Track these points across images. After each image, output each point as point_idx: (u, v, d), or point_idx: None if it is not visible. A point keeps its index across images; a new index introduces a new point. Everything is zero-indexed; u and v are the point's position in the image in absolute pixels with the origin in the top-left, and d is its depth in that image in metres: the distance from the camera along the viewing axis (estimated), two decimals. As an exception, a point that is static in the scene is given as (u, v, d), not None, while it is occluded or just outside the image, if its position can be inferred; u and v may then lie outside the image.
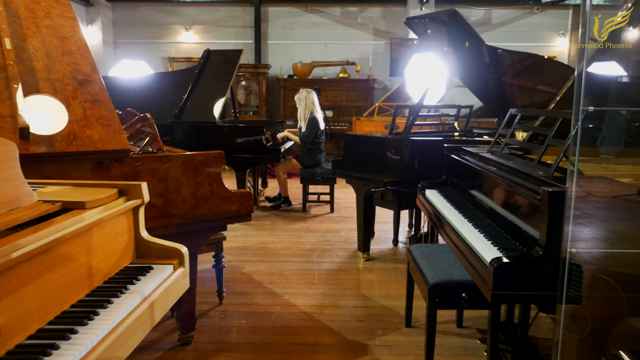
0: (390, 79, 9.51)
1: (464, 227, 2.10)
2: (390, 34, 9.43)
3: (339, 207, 5.70)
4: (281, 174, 5.48)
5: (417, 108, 3.47)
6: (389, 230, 4.69)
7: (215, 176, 2.37)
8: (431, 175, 3.35)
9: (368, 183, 3.65)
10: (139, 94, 5.39)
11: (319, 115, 5.39)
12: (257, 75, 9.09)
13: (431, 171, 3.28)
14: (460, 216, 2.26)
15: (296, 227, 4.86)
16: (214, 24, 9.70)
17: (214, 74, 5.37)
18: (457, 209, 2.38)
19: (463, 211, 2.31)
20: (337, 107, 9.14)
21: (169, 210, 2.26)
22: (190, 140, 4.92)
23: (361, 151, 3.70)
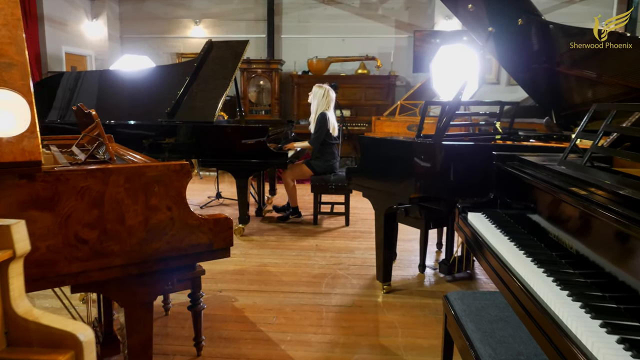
0: (414, 75, 8.74)
1: (537, 280, 1.37)
2: (413, 27, 8.67)
3: (355, 219, 4.99)
4: (290, 181, 4.80)
5: (454, 106, 2.75)
6: (413, 250, 3.97)
7: (177, 197, 1.69)
8: (472, 191, 2.61)
9: (390, 198, 2.94)
10: (130, 90, 4.77)
11: (331, 114, 4.69)
12: (270, 71, 8.43)
13: (472, 185, 2.56)
14: (527, 261, 1.53)
15: (305, 244, 4.17)
16: (225, 17, 9.08)
17: (215, 67, 4.72)
18: (520, 246, 1.65)
19: (531, 252, 1.58)
20: (356, 105, 8.42)
21: (107, 247, 1.59)
22: (182, 143, 4.27)
23: (382, 158, 2.99)
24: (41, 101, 4.91)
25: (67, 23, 8.16)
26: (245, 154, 4.19)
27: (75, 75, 5.13)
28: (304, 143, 4.84)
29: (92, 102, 4.78)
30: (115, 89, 4.82)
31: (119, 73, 5.03)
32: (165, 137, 4.29)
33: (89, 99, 4.83)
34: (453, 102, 2.76)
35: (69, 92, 5.01)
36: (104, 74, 5.18)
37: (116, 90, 4.81)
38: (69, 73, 5.25)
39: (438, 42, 8.19)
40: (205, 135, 4.22)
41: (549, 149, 2.69)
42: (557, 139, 3.30)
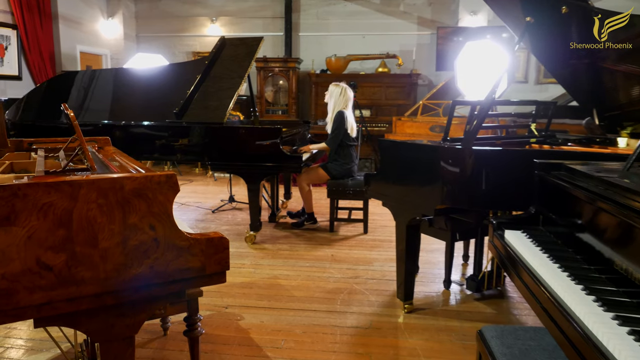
0: (437, 74, 8.39)
1: (606, 329, 1.07)
2: (437, 23, 8.32)
3: (374, 225, 4.70)
4: (305, 185, 4.53)
5: (486, 106, 2.43)
6: (437, 262, 3.66)
7: (161, 214, 1.43)
8: (508, 203, 2.31)
9: (413, 208, 2.64)
10: (139, 89, 4.57)
11: (349, 114, 4.40)
12: (287, 70, 8.18)
13: (508, 197, 2.25)
14: (588, 300, 1.22)
15: (320, 254, 3.89)
16: (241, 15, 8.87)
17: (227, 65, 4.48)
18: (577, 279, 1.34)
19: (592, 289, 1.27)
20: (376, 105, 8.11)
21: (76, 274, 1.34)
22: (190, 145, 4.04)
23: (404, 164, 2.69)
24: (52, 100, 4.73)
25: (82, 22, 8.05)
26: (257, 156, 3.93)
27: (90, 73, 4.91)
28: (320, 145, 4.56)
29: (105, 101, 4.58)
30: (124, 89, 4.62)
31: (129, 72, 4.83)
32: (172, 139, 4.07)
33: (102, 98, 4.63)
34: (485, 102, 2.44)
35: (83, 92, 4.82)
36: (115, 72, 5.00)
37: (125, 89, 4.61)
38: (83, 72, 5.05)
39: (462, 39, 7.83)
40: (214, 137, 3.98)
41: (601, 156, 2.35)
42: (601, 142, 2.96)
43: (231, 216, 5.15)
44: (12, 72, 6.79)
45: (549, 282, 1.34)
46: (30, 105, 4.78)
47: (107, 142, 2.67)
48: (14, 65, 6.83)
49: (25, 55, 6.97)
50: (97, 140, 2.65)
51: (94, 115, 4.44)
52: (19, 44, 6.85)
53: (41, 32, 7.12)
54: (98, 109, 4.53)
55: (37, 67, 7.08)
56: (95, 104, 4.60)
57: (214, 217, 5.06)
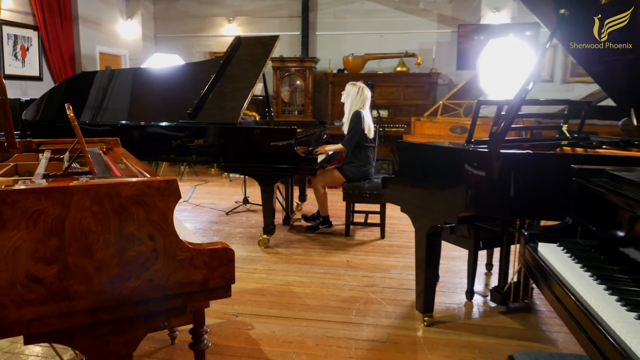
0: (457, 73, 8.19)
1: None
2: (457, 21, 8.11)
3: (391, 230, 4.54)
4: (320, 188, 4.39)
5: (516, 106, 2.27)
6: (458, 271, 3.49)
7: (161, 223, 1.31)
8: (540, 211, 2.14)
9: (434, 215, 2.49)
10: (154, 89, 4.50)
11: (366, 113, 4.25)
12: (304, 69, 8.06)
13: (540, 205, 2.08)
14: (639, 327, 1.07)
15: (334, 260, 3.76)
16: (258, 14, 8.79)
17: (242, 65, 4.38)
18: (626, 303, 1.18)
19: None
20: (394, 105, 7.94)
21: (69, 287, 1.23)
22: (202, 146, 3.94)
23: (425, 168, 2.54)
24: (71, 100, 4.65)
25: (101, 23, 8.06)
26: (271, 158, 3.82)
27: (109, 73, 4.82)
28: (336, 146, 4.43)
29: (121, 101, 4.50)
30: (140, 89, 4.56)
31: (145, 72, 4.77)
32: (185, 139, 3.97)
33: (119, 98, 4.55)
34: (515, 102, 2.28)
35: (102, 91, 4.74)
36: (131, 72, 4.94)
37: (141, 89, 4.54)
38: (102, 71, 4.97)
39: (484, 37, 7.61)
40: (227, 138, 3.87)
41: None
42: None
43: (245, 218, 5.05)
44: (33, 73, 6.81)
45: (595, 308, 1.18)
46: (50, 105, 4.71)
47: (117, 143, 2.58)
48: (35, 66, 6.85)
49: (46, 56, 6.99)
50: (106, 141, 2.56)
51: (111, 115, 4.36)
52: (40, 45, 6.87)
53: (62, 33, 7.14)
54: (115, 109, 4.46)
55: (57, 67, 7.09)
56: (112, 104, 4.53)
57: (228, 219, 4.96)
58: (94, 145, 2.40)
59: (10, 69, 6.37)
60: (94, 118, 4.42)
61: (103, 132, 4.17)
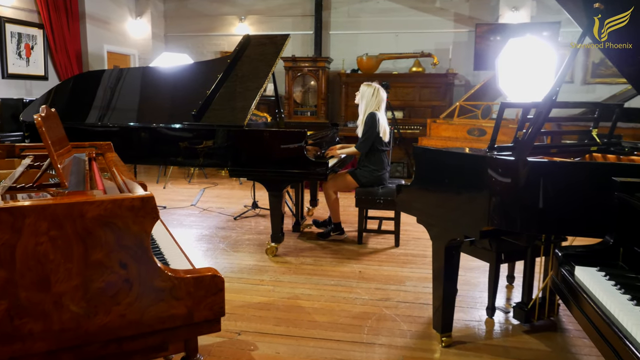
0: (474, 74, 7.92)
1: None
2: (475, 20, 7.84)
3: (406, 238, 4.31)
4: (331, 193, 4.18)
5: (546, 109, 2.03)
6: (478, 283, 3.26)
7: (135, 248, 1.12)
8: (572, 227, 1.90)
9: (453, 228, 2.26)
10: (159, 89, 4.33)
11: (382, 115, 4.04)
12: (316, 70, 7.86)
13: (573, 220, 1.84)
14: None
15: (346, 270, 3.55)
16: (270, 13, 8.61)
17: (250, 64, 4.19)
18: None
19: None
20: (409, 106, 7.70)
21: (21, 326, 1.04)
22: (210, 150, 3.76)
23: (443, 176, 2.32)
24: (78, 100, 4.49)
25: (109, 21, 7.95)
26: (278, 162, 3.62)
27: (117, 73, 4.61)
28: (349, 148, 4.21)
29: (126, 102, 4.31)
30: (146, 89, 4.39)
31: (150, 71, 4.60)
32: (190, 142, 3.79)
33: (124, 99, 4.35)
34: (544, 104, 2.04)
35: (110, 91, 4.57)
36: (136, 71, 4.77)
37: (147, 89, 4.38)
38: (110, 70, 4.77)
39: (503, 37, 7.33)
40: (233, 141, 3.69)
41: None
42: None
43: (254, 223, 4.86)
44: (38, 72, 6.72)
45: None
46: (56, 104, 4.54)
47: (109, 148, 2.40)
48: (40, 65, 6.76)
49: (52, 55, 6.90)
50: (97, 145, 2.38)
51: (113, 117, 4.18)
52: (45, 43, 6.77)
53: (68, 31, 7.03)
54: (118, 110, 4.29)
55: (63, 67, 6.99)
56: (116, 104, 4.36)
57: (235, 225, 4.78)
58: (83, 150, 2.23)
59: (13, 68, 6.28)
60: (99, 119, 4.26)
61: (104, 133, 4.02)
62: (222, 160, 3.77)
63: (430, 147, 2.39)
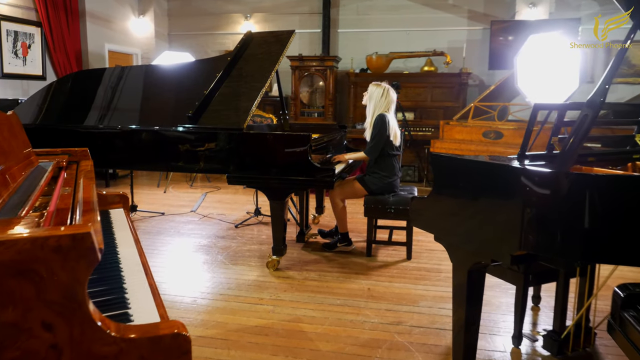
0: (489, 73, 7.58)
1: None
2: (490, 17, 7.50)
3: (419, 249, 4.00)
4: (338, 201, 3.88)
5: (593, 111, 1.71)
6: (499, 304, 2.93)
7: (65, 303, 0.82)
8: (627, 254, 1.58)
9: (478, 251, 1.95)
10: (151, 89, 4.06)
11: (392, 117, 3.73)
12: (324, 69, 7.56)
13: (628, 246, 1.53)
14: None
15: (354, 287, 3.24)
16: (277, 10, 8.33)
17: (252, 63, 3.91)
18: None
19: None
20: (420, 107, 7.37)
21: None
22: (208, 155, 3.47)
23: (466, 189, 2.00)
24: (77, 100, 4.18)
25: (111, 19, 7.71)
26: (280, 168, 3.33)
27: (119, 72, 4.29)
28: (357, 154, 3.91)
29: (123, 103, 4.00)
30: (138, 89, 4.11)
31: (143, 70, 4.33)
32: (186, 146, 3.51)
33: (122, 99, 4.04)
34: (592, 106, 1.72)
35: (110, 91, 4.27)
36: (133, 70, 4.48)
37: (138, 89, 4.10)
38: (111, 69, 4.44)
39: (520, 35, 6.98)
40: (230, 145, 3.40)
41: None
42: None
43: (256, 232, 4.57)
44: (35, 72, 6.48)
45: None
46: (54, 105, 4.22)
47: (85, 155, 2.12)
48: (38, 65, 6.53)
49: (50, 54, 6.67)
50: (71, 152, 2.10)
51: (107, 119, 3.89)
52: (43, 42, 6.54)
53: (67, 29, 6.80)
54: (113, 112, 4.01)
55: (62, 66, 6.76)
56: (110, 105, 4.07)
57: (236, 233, 4.49)
58: (53, 158, 1.95)
59: (9, 68, 6.05)
60: (102, 119, 3.96)
61: (90, 136, 3.76)
62: (220, 166, 3.48)
63: (451, 154, 2.07)
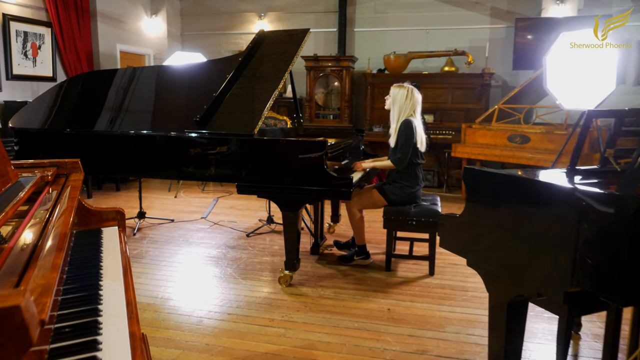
0: (513, 74, 7.25)
1: None
2: (514, 15, 7.17)
3: (442, 264, 3.72)
4: (356, 211, 3.62)
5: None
6: (534, 330, 2.65)
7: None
8: None
9: (520, 283, 1.68)
10: (158, 91, 3.85)
11: (418, 122, 3.46)
12: (340, 70, 7.31)
13: None
14: None
15: (372, 307, 2.98)
16: (291, 9, 8.10)
17: (265, 63, 3.68)
18: None
19: None
20: (440, 109, 7.07)
21: None
22: (210, 162, 3.25)
23: (506, 210, 1.73)
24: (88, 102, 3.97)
25: (123, 19, 7.56)
26: (293, 177, 3.08)
27: (130, 73, 4.06)
28: (382, 162, 3.63)
29: (133, 107, 3.78)
30: (143, 91, 3.91)
31: (150, 71, 4.12)
32: (191, 154, 3.29)
33: (132, 103, 3.82)
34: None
35: (122, 93, 4.04)
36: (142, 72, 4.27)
37: (144, 92, 3.90)
38: (123, 70, 4.21)
39: (546, 33, 6.64)
40: (239, 152, 3.17)
41: None
42: None
43: (268, 241, 4.34)
44: (45, 73, 6.35)
45: None
46: (64, 107, 4.00)
47: (75, 167, 1.90)
48: (48, 66, 6.39)
49: (60, 55, 6.53)
50: (61, 164, 1.88)
51: (123, 124, 3.65)
52: (53, 42, 6.40)
53: (78, 30, 6.65)
54: (117, 116, 3.81)
55: (73, 67, 6.61)
56: (123, 110, 3.84)
57: (248, 243, 4.27)
58: (42, 171, 1.73)
59: (19, 69, 5.91)
60: (113, 122, 3.74)
61: (85, 140, 3.56)
62: (229, 175, 3.25)
63: (490, 170, 1.80)
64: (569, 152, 2.03)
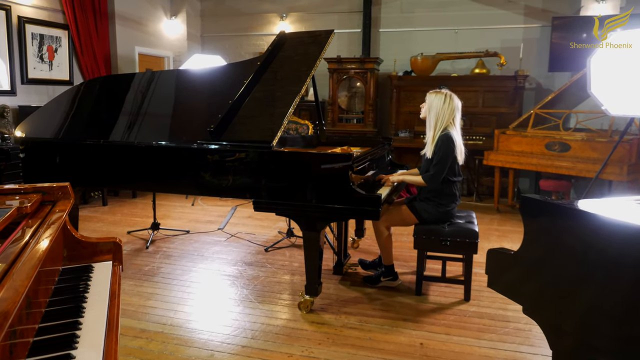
0: (548, 76, 6.82)
1: None
2: (550, 13, 6.74)
3: (478, 287, 3.38)
4: (383, 229, 3.31)
5: None
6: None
7: None
8: None
9: (595, 347, 1.35)
10: (171, 98, 3.61)
11: (457, 134, 3.13)
12: (364, 72, 6.99)
13: None
14: None
15: (402, 341, 2.66)
16: (315, 9, 7.82)
17: (286, 67, 3.41)
18: None
19: None
20: (470, 113, 6.67)
21: None
22: (228, 176, 2.97)
23: (580, 254, 1.40)
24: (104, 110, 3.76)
25: (141, 21, 7.38)
26: (314, 194, 2.79)
27: (149, 76, 3.81)
28: (412, 176, 3.31)
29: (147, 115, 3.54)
30: (158, 98, 3.67)
31: (164, 76, 3.88)
32: (205, 167, 3.02)
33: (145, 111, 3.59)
34: None
35: (139, 99, 3.80)
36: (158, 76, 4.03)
37: (159, 98, 3.66)
38: (141, 74, 3.96)
39: (585, 33, 6.21)
40: (256, 165, 2.89)
41: None
42: None
43: (288, 256, 4.07)
44: (62, 77, 6.19)
45: None
46: (80, 113, 3.79)
47: (64, 193, 1.64)
48: (65, 69, 6.24)
49: (77, 58, 6.37)
50: (48, 190, 1.63)
51: (140, 134, 3.40)
52: (70, 45, 6.25)
53: (95, 32, 6.49)
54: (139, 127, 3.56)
55: (90, 70, 6.45)
56: (137, 120, 3.60)
57: (266, 259, 3.99)
58: (21, 198, 1.48)
59: (34, 73, 5.76)
60: (130, 129, 3.50)
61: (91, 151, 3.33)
62: (244, 190, 2.97)
63: (558, 202, 1.47)
64: (615, 161, 1.71)
